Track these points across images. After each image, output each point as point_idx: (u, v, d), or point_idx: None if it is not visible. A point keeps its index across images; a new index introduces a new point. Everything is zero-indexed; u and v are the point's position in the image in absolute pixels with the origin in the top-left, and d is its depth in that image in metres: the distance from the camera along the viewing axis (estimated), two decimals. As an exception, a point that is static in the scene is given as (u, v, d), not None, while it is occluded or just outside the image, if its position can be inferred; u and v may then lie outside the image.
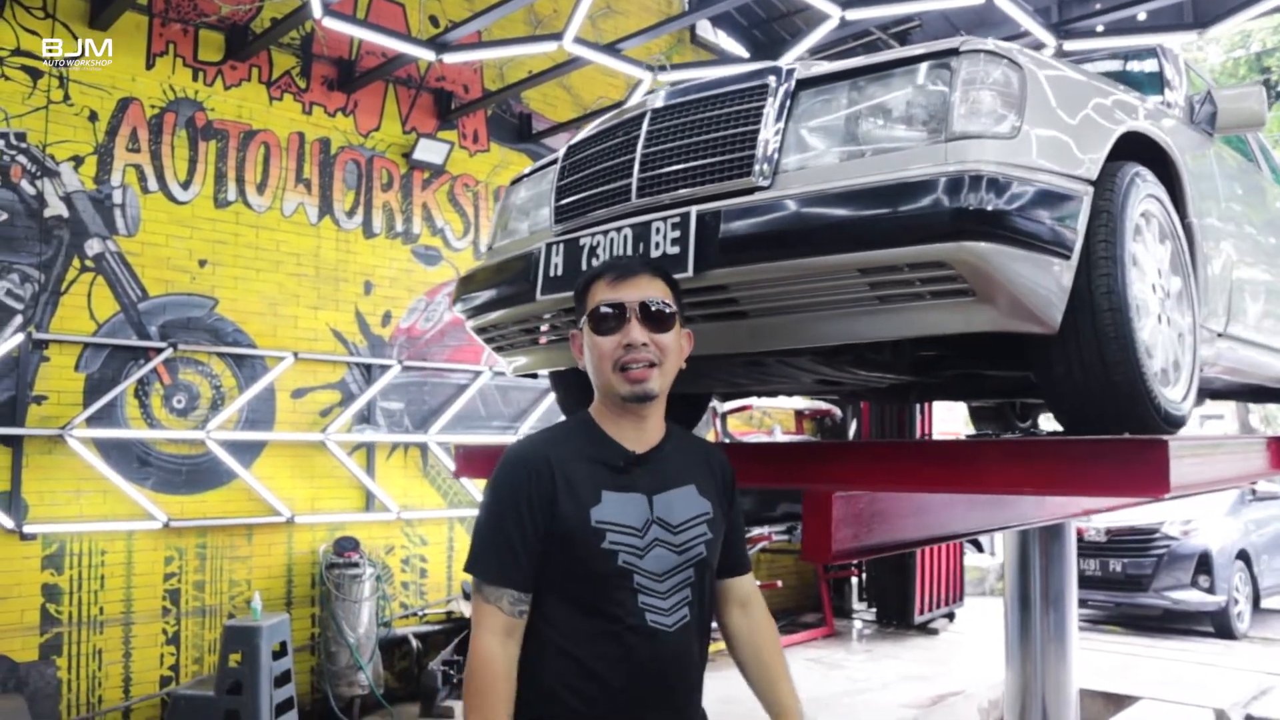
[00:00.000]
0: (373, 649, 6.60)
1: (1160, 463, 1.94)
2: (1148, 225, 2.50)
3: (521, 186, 3.07)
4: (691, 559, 1.90)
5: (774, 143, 2.24)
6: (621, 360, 1.86)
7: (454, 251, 7.73)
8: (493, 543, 1.87)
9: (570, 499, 1.85)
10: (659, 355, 1.88)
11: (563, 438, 1.97)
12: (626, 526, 1.85)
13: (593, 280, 1.95)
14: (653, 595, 1.86)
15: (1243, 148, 4.15)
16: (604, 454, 1.92)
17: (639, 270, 1.93)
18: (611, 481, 1.88)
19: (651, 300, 1.89)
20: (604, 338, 1.88)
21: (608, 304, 1.89)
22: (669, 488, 1.92)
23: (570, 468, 1.88)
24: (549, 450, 1.91)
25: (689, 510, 1.92)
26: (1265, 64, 22.97)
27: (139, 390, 6.12)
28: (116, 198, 6.10)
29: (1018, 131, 2.09)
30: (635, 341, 1.86)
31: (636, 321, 1.87)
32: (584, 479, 1.87)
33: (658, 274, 1.95)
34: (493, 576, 1.86)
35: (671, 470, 1.95)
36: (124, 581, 6.00)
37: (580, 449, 1.92)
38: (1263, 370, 3.70)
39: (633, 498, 1.88)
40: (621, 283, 1.90)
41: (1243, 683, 6.81)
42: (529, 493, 1.85)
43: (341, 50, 7.14)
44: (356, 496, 7.06)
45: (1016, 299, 2.06)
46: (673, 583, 1.88)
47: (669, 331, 1.90)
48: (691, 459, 2.00)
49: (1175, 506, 9.14)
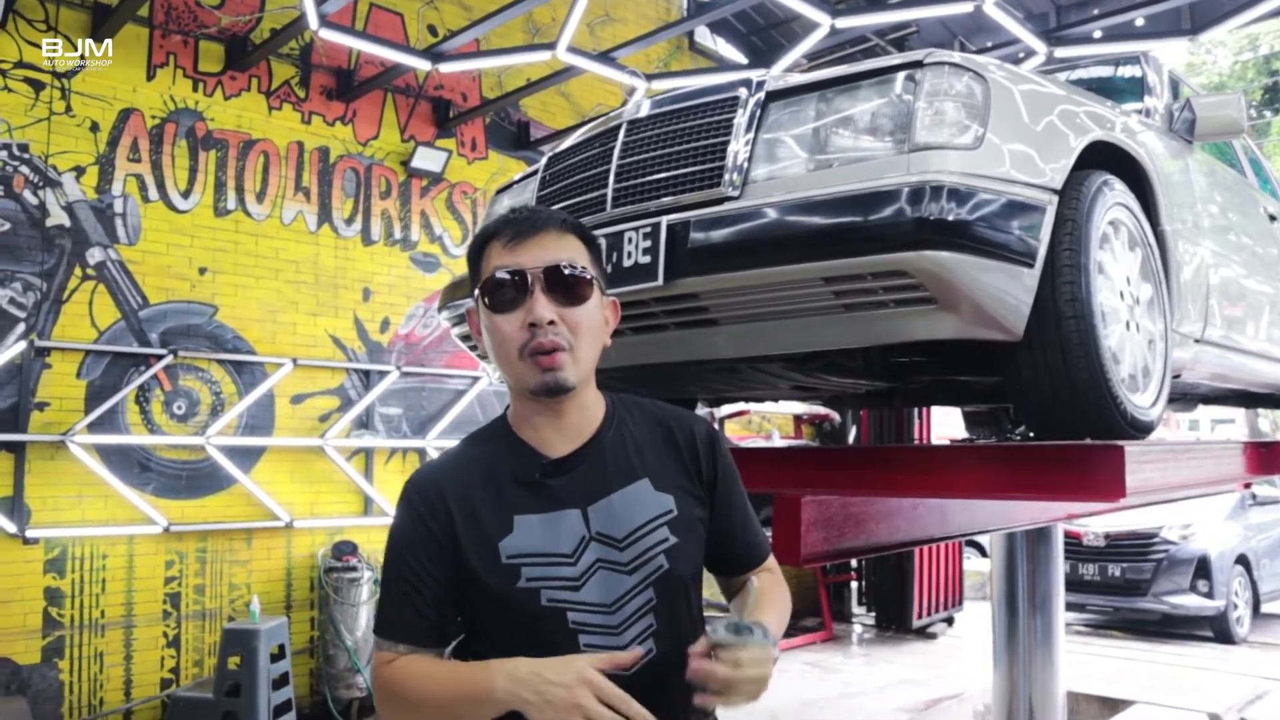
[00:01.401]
0: (371, 652, 6.64)
1: (1116, 468, 1.99)
2: (1116, 233, 2.54)
3: (505, 196, 3.13)
4: (649, 577, 1.50)
5: (744, 154, 2.29)
6: (529, 345, 1.47)
7: (452, 258, 7.78)
8: (390, 597, 1.53)
9: (473, 534, 1.49)
10: (570, 337, 1.48)
11: (465, 456, 1.60)
12: (549, 555, 1.48)
13: (487, 240, 1.55)
14: (600, 633, 1.48)
15: (1227, 155, 4.19)
16: (515, 467, 1.54)
17: (544, 224, 1.52)
18: (527, 501, 1.51)
19: (562, 263, 1.50)
20: (502, 315, 1.49)
21: (505, 270, 1.49)
22: (610, 491, 1.53)
23: (472, 494, 1.52)
24: (445, 476, 1.56)
25: (640, 514, 1.53)
26: (1274, 67, 22.95)
27: (140, 397, 6.18)
28: (118, 207, 6.17)
29: (981, 142, 2.13)
30: (541, 319, 1.46)
31: (541, 293, 1.47)
32: (490, 505, 1.51)
33: (569, 229, 1.54)
34: (384, 631, 1.52)
35: (612, 467, 1.54)
36: (125, 585, 6.06)
37: (488, 466, 1.56)
38: (1246, 375, 3.73)
39: (559, 516, 1.50)
40: (521, 242, 1.50)
41: (1239, 687, 6.82)
42: (420, 535, 1.51)
43: (340, 60, 7.21)
44: (355, 501, 7.11)
45: (979, 307, 2.11)
46: (627, 612, 1.49)
47: (584, 303, 1.51)
48: (644, 441, 1.59)
49: (1174, 510, 9.14)
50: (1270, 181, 4.78)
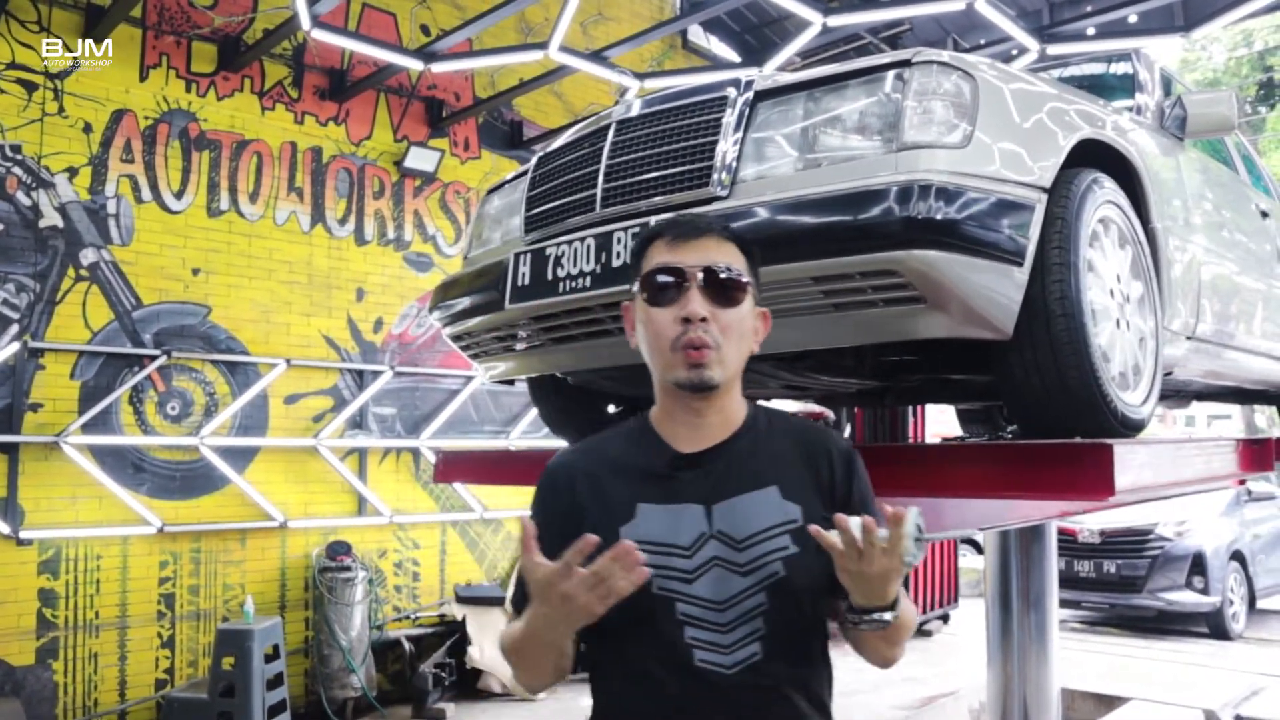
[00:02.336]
0: (365, 652, 6.65)
1: (1105, 466, 1.98)
2: (1106, 231, 2.53)
3: (495, 196, 3.12)
4: (763, 582, 1.50)
5: (732, 153, 2.29)
6: (681, 339, 1.52)
7: (445, 258, 7.78)
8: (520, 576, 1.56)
9: (597, 517, 1.54)
10: (719, 337, 1.53)
11: (603, 444, 1.68)
12: (667, 545, 1.52)
13: (650, 240, 1.62)
14: (706, 628, 1.49)
15: (1220, 152, 4.19)
16: (647, 459, 1.59)
17: (706, 229, 1.59)
18: (653, 492, 1.55)
19: (719, 265, 1.55)
20: (659, 309, 1.55)
21: (664, 268, 1.56)
22: (736, 493, 1.55)
23: (603, 479, 1.59)
24: (580, 461, 1.64)
25: (763, 519, 1.54)
26: (1268, 63, 22.99)
27: (133, 397, 6.18)
28: (111, 208, 6.16)
29: (969, 140, 2.13)
30: (694, 314, 1.51)
31: (698, 291, 1.53)
32: (617, 491, 1.57)
33: (729, 236, 1.61)
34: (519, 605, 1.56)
35: (741, 471, 1.56)
36: (119, 586, 6.05)
37: (620, 455, 1.62)
38: (1238, 372, 3.73)
39: (682, 509, 1.53)
40: (683, 243, 1.57)
41: (1235, 683, 6.82)
42: (553, 514, 1.58)
43: (333, 60, 7.20)
44: (349, 501, 7.11)
45: (968, 306, 2.10)
46: (737, 612, 1.50)
47: (737, 306, 1.56)
48: (779, 453, 1.60)
49: (1170, 507, 9.15)
50: (1263, 178, 4.78)
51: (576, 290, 2.40)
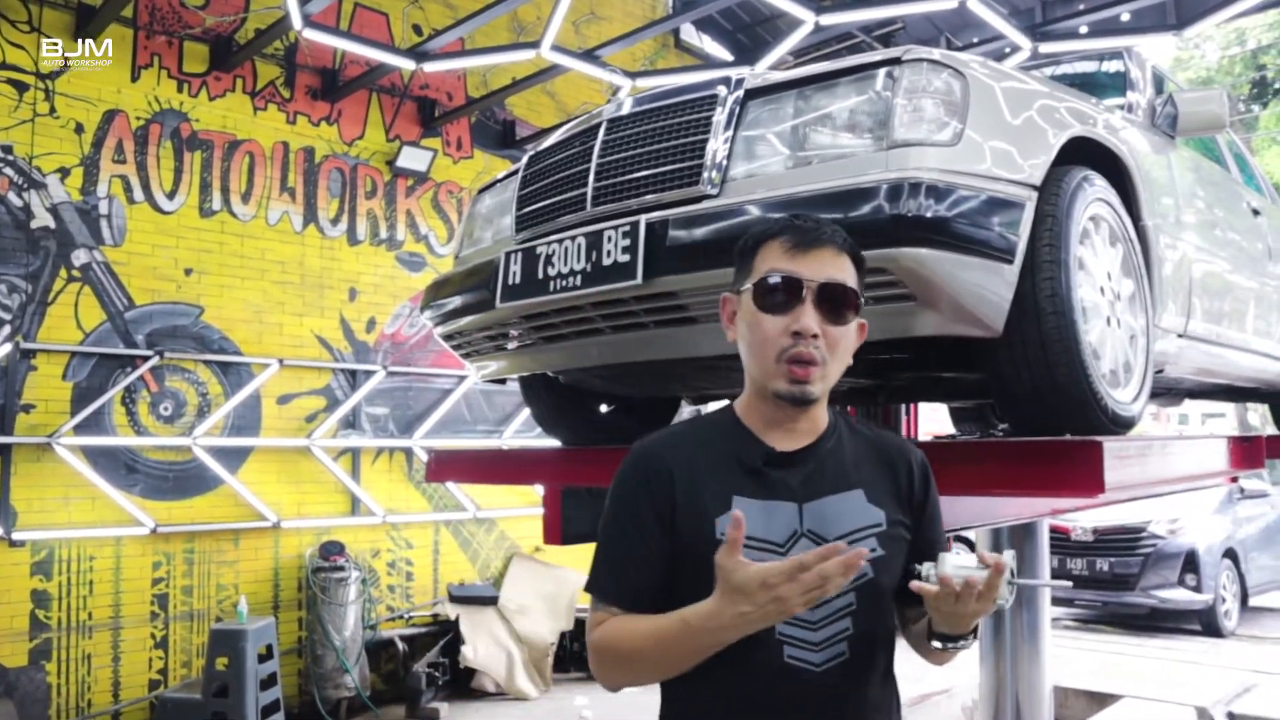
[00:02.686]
0: (359, 652, 6.64)
1: (1095, 464, 1.98)
2: (1097, 229, 2.53)
3: (487, 195, 3.12)
4: (853, 582, 1.48)
5: (723, 152, 2.29)
6: (787, 351, 1.50)
7: (438, 258, 7.77)
8: (606, 558, 1.58)
9: (691, 507, 1.53)
10: (826, 353, 1.51)
11: (692, 434, 1.64)
12: (762, 541, 1.50)
13: (765, 239, 1.58)
14: (797, 626, 1.49)
15: (1211, 150, 4.20)
16: (741, 453, 1.57)
17: (828, 240, 1.55)
18: (748, 486, 1.54)
19: (837, 280, 1.52)
20: (769, 316, 1.52)
21: (784, 275, 1.52)
22: (826, 494, 1.55)
23: (695, 470, 1.56)
24: (670, 450, 1.60)
25: (852, 521, 1.55)
26: (1261, 61, 23.05)
27: (126, 398, 6.16)
28: (103, 208, 6.15)
29: (960, 138, 2.13)
30: (807, 330, 1.49)
31: (812, 305, 1.50)
32: (712, 483, 1.54)
33: (846, 248, 1.57)
34: (601, 590, 1.57)
35: (831, 472, 1.57)
36: (112, 587, 6.04)
37: (713, 445, 1.59)
38: (1230, 369, 3.74)
39: (776, 506, 1.53)
40: (804, 252, 1.53)
41: (1227, 680, 6.82)
42: (642, 503, 1.55)
43: (325, 60, 7.18)
44: (342, 501, 7.10)
45: (958, 303, 2.10)
46: (827, 611, 1.50)
47: (847, 325, 1.54)
48: (863, 458, 1.62)
49: (1162, 505, 9.17)
50: (1255, 176, 4.79)
51: (567, 289, 2.40)
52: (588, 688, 7.33)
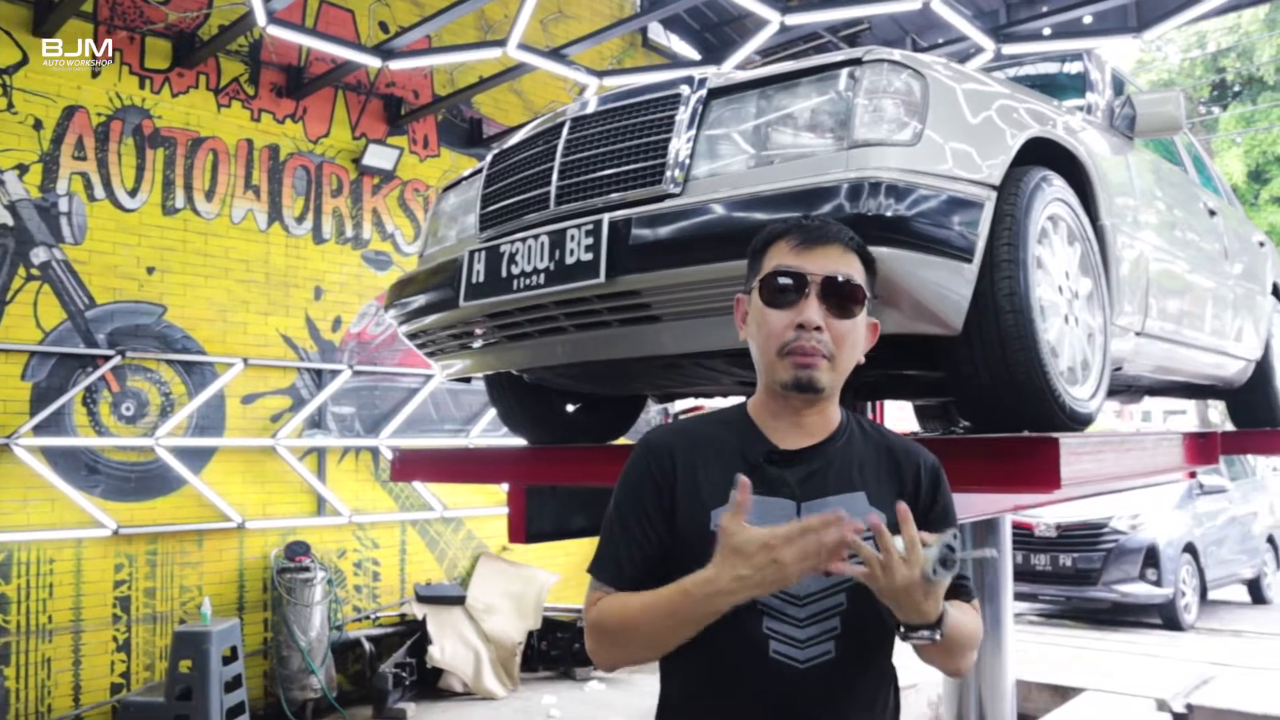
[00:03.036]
0: (325, 652, 6.60)
1: (1051, 459, 2.02)
2: (1055, 228, 2.57)
3: (451, 194, 3.12)
4: (844, 583, 1.53)
5: (685, 151, 2.30)
6: (791, 344, 1.54)
7: (404, 256, 7.74)
8: (607, 541, 1.63)
9: (690, 497, 1.58)
10: (833, 347, 1.55)
11: (702, 427, 1.69)
12: None
13: (775, 239, 1.62)
14: (784, 621, 1.53)
15: (1169, 151, 4.26)
16: (745, 448, 1.60)
17: (834, 238, 1.59)
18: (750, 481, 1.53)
19: (840, 275, 1.56)
20: (775, 311, 1.56)
21: (786, 272, 1.56)
22: (827, 494, 1.57)
23: (700, 461, 1.61)
24: (678, 440, 1.65)
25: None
26: (1221, 64, 23.39)
27: (87, 398, 6.09)
28: (63, 206, 6.07)
29: (919, 138, 2.16)
30: (810, 322, 1.53)
31: (816, 299, 1.55)
32: (713, 476, 1.58)
33: (853, 246, 1.61)
34: (601, 572, 1.61)
35: (835, 473, 1.60)
36: (73, 589, 5.96)
37: (719, 440, 1.63)
38: (1187, 366, 3.80)
39: (774, 502, 1.55)
40: (809, 249, 1.57)
41: (1186, 673, 6.93)
42: (646, 489, 1.61)
43: (290, 57, 7.13)
44: (308, 501, 7.05)
45: (918, 302, 2.13)
46: (816, 609, 1.54)
47: (853, 318, 1.58)
48: (871, 460, 1.64)
49: (1124, 501, 9.28)
50: (1212, 177, 4.87)
51: (531, 288, 2.40)
52: (555, 687, 7.33)
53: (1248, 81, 23.18)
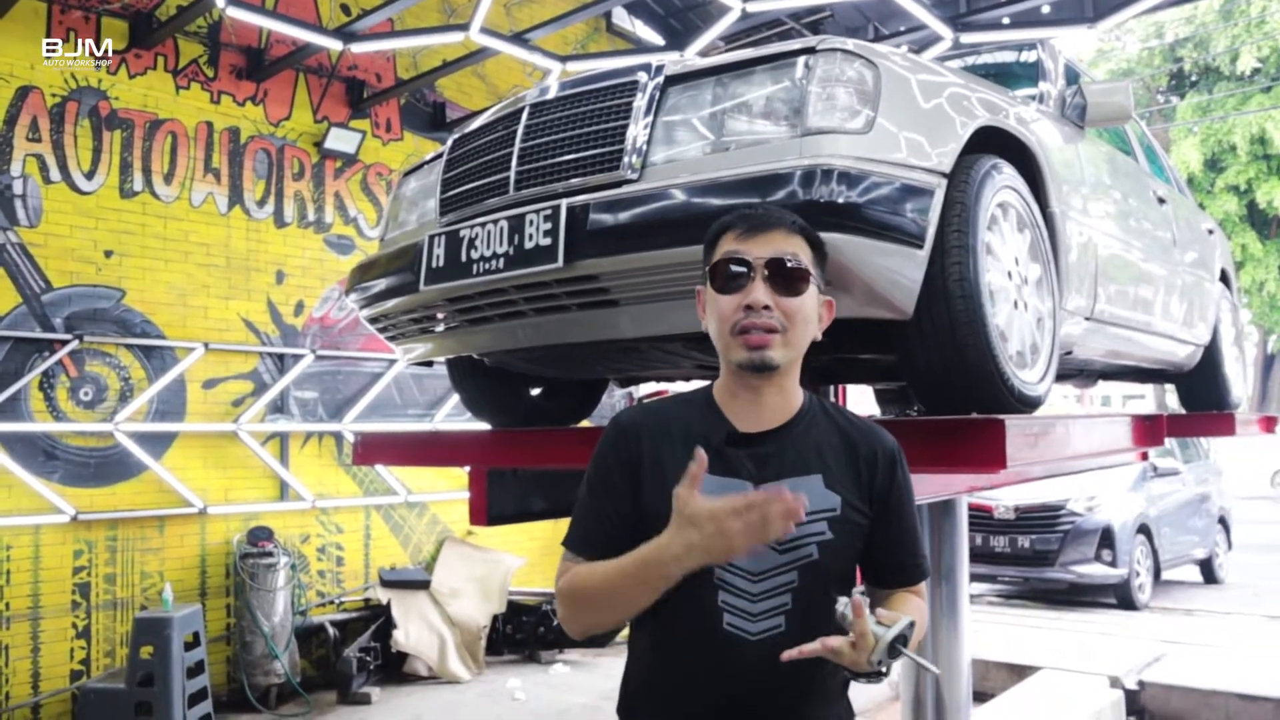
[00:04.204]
0: (289, 638, 6.59)
1: (997, 440, 2.07)
2: (1005, 215, 2.62)
3: (412, 179, 3.13)
4: (796, 561, 1.62)
5: (643, 137, 2.33)
6: (740, 323, 1.62)
7: (367, 240, 7.71)
8: (578, 514, 1.72)
9: (654, 477, 1.65)
10: (784, 321, 1.62)
11: (668, 409, 1.76)
12: None
13: (723, 231, 1.70)
14: (738, 595, 1.62)
15: (1120, 140, 4.34)
16: (706, 430, 1.67)
17: (776, 223, 1.67)
18: (710, 463, 1.58)
19: (785, 256, 1.63)
20: (725, 296, 1.64)
21: (733, 258, 1.65)
22: (783, 476, 1.64)
23: (665, 442, 1.68)
24: (646, 421, 1.73)
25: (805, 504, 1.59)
26: (1178, 54, 23.69)
27: (44, 383, 6.03)
28: (17, 188, 5.99)
29: (871, 126, 2.20)
30: (757, 302, 1.61)
31: (762, 281, 1.62)
32: (675, 456, 1.63)
33: (797, 230, 1.68)
34: (573, 542, 1.70)
35: (792, 456, 1.67)
36: (31, 576, 5.91)
37: (684, 422, 1.70)
38: (1137, 351, 3.88)
39: (731, 483, 1.62)
40: (753, 235, 1.65)
41: (1139, 650, 7.09)
42: (613, 468, 1.69)
43: (250, 39, 7.06)
44: (270, 486, 7.03)
45: (870, 287, 2.18)
46: (769, 585, 1.62)
47: (800, 295, 1.64)
48: (829, 444, 1.70)
49: (1081, 483, 9.43)
50: (1162, 166, 4.96)
51: (490, 272, 2.43)
52: (520, 670, 7.37)
53: (1204, 71, 23.53)
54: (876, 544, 1.71)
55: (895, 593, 1.74)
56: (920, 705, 3.93)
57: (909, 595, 1.74)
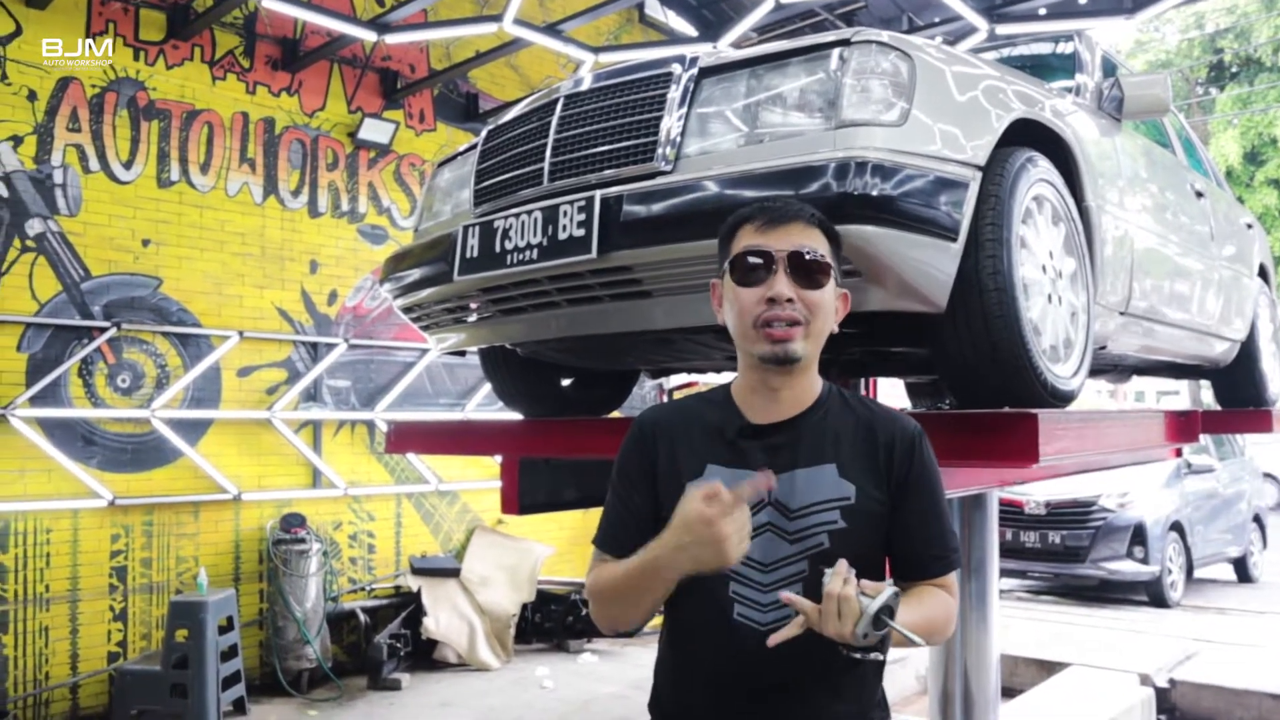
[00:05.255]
0: (320, 623, 6.67)
1: (1030, 435, 2.07)
2: (1040, 208, 2.61)
3: (446, 169, 3.15)
4: (807, 551, 1.62)
5: (677, 129, 2.34)
6: (762, 316, 1.62)
7: (400, 231, 7.75)
8: (605, 513, 1.77)
9: (669, 470, 1.69)
10: (806, 314, 1.62)
11: (689, 406, 1.79)
12: None
13: (741, 223, 1.70)
14: (748, 585, 1.63)
15: (1157, 133, 4.29)
16: (721, 424, 1.71)
17: (795, 216, 1.67)
18: (723, 455, 1.68)
19: (805, 249, 1.64)
20: (746, 289, 1.64)
21: (753, 251, 1.64)
22: (798, 466, 1.65)
23: (682, 437, 1.72)
24: (666, 418, 1.77)
25: (817, 493, 1.64)
26: (1218, 45, 23.34)
27: (83, 370, 6.12)
28: (57, 177, 6.07)
29: (906, 119, 2.19)
30: (779, 296, 1.61)
31: (784, 274, 1.62)
32: (693, 450, 1.69)
33: (815, 222, 1.69)
34: (600, 541, 1.75)
35: (807, 446, 1.67)
36: (70, 559, 6.01)
37: (701, 418, 1.74)
38: (1172, 346, 3.85)
39: (745, 475, 1.60)
40: (773, 228, 1.65)
41: (1170, 648, 7.04)
42: (634, 462, 1.74)
43: (285, 30, 7.12)
44: (303, 473, 7.10)
45: (903, 280, 2.17)
46: (780, 575, 1.63)
47: (821, 289, 1.64)
48: (847, 433, 1.70)
49: (1113, 479, 9.36)
50: (1200, 159, 4.90)
51: (524, 262, 2.44)
52: (549, 658, 7.42)
53: (1245, 63, 23.15)
54: (897, 533, 1.68)
55: (921, 585, 1.69)
56: (948, 699, 3.93)
57: (933, 588, 1.69)
